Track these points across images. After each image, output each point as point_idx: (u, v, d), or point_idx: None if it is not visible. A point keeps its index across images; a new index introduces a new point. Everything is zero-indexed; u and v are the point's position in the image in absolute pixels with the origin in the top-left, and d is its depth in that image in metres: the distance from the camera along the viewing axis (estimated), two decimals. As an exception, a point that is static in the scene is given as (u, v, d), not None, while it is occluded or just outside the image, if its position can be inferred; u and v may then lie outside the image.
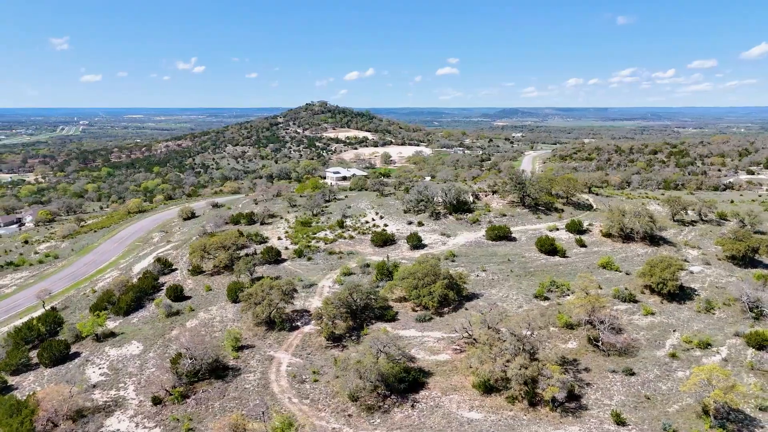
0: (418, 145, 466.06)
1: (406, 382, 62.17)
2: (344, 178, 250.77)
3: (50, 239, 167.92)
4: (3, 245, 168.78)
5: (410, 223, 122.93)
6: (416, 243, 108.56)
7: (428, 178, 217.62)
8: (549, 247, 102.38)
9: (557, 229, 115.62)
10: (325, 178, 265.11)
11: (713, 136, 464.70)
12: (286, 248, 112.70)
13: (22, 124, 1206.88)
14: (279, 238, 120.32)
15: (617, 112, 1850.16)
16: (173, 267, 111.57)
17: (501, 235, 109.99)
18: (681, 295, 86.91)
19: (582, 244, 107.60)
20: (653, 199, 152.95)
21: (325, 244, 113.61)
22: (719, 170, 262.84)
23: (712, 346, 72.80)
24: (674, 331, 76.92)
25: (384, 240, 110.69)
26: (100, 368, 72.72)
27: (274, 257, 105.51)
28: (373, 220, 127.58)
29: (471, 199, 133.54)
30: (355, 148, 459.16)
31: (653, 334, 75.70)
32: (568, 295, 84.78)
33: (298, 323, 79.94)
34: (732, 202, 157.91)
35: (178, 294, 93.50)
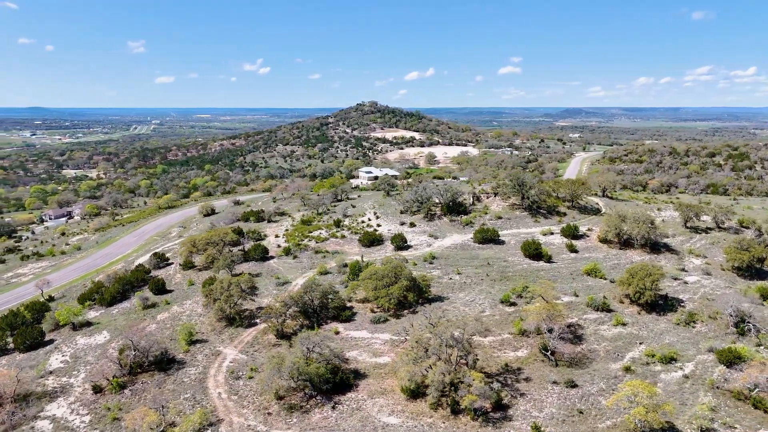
0: (465, 146, 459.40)
1: (330, 383, 61.69)
2: (375, 178, 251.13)
3: (84, 231, 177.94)
4: (44, 236, 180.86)
5: (403, 223, 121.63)
6: (401, 244, 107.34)
7: (463, 179, 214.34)
8: (534, 252, 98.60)
9: (552, 234, 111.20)
10: (358, 177, 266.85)
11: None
12: (279, 246, 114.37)
13: (99, 123, 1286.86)
14: (276, 236, 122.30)
15: (690, 112, 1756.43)
16: (169, 261, 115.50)
17: (488, 238, 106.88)
18: (663, 305, 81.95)
19: (573, 250, 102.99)
20: (673, 203, 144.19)
21: (317, 243, 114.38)
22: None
23: (677, 360, 68.01)
24: (640, 343, 72.45)
25: (371, 240, 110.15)
26: (63, 355, 76.48)
27: (260, 254, 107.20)
28: (370, 220, 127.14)
29: (470, 200, 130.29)
30: (401, 148, 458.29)
31: (616, 346, 71.60)
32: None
33: (257, 320, 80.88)
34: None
35: (160, 287, 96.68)
